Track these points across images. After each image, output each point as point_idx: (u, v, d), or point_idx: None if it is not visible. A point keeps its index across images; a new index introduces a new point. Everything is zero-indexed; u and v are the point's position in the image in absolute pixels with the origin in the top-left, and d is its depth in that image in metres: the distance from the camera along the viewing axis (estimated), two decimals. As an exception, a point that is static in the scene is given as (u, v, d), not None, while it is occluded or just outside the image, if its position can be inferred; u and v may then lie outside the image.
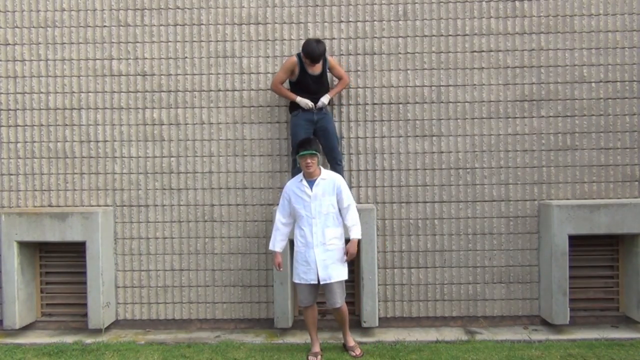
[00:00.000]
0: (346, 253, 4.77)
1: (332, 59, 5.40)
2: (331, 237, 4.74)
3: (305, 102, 5.26)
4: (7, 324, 5.34)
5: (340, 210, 4.83)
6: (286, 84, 5.40)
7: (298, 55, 5.28)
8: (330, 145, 5.34)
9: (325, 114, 5.35)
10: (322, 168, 4.88)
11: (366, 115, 5.58)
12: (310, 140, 4.83)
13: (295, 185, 4.85)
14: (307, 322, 4.88)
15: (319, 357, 4.77)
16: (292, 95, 5.31)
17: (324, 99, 5.31)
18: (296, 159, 5.26)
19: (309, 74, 5.26)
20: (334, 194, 4.79)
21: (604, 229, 5.24)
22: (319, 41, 5.16)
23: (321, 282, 4.71)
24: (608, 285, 5.58)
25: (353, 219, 4.80)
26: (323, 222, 4.74)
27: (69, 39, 5.65)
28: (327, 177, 4.82)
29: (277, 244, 4.86)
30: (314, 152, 4.72)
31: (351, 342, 4.88)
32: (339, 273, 4.75)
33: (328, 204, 4.76)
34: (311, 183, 4.78)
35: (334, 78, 5.45)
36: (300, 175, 4.87)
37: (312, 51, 5.09)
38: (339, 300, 4.75)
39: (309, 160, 4.72)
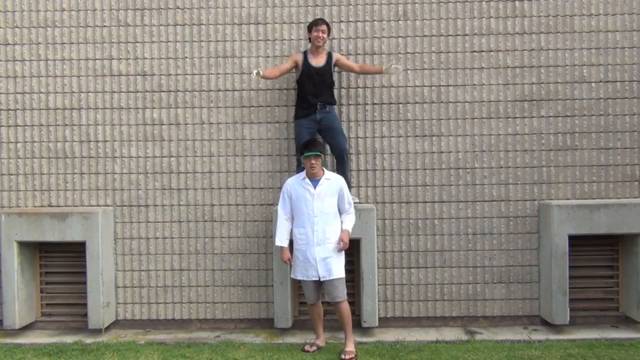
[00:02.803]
0: (340, 243, 4.81)
1: (337, 54, 5.40)
2: (331, 236, 4.80)
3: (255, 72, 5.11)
4: (7, 324, 5.34)
5: (339, 209, 4.91)
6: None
7: (304, 51, 5.34)
8: (336, 144, 5.28)
9: (328, 112, 5.29)
10: (324, 169, 4.93)
11: (366, 115, 5.57)
12: (315, 141, 4.92)
13: (297, 183, 4.90)
14: (312, 318, 4.98)
15: (314, 348, 4.87)
16: (268, 71, 5.26)
17: (395, 71, 5.29)
18: (300, 159, 5.27)
19: (312, 66, 5.24)
20: (337, 194, 4.86)
21: (604, 229, 5.24)
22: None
23: (321, 279, 4.78)
24: (608, 285, 5.58)
25: (349, 214, 4.92)
26: (324, 221, 4.79)
27: (69, 39, 5.65)
28: (331, 178, 4.90)
29: (284, 239, 4.92)
30: (318, 153, 4.79)
31: (349, 347, 4.75)
32: (339, 270, 4.81)
33: (330, 204, 4.83)
34: (315, 182, 4.84)
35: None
36: (302, 174, 4.92)
37: (314, 20, 5.29)
38: (340, 294, 4.79)
39: (313, 162, 4.78)
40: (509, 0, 5.56)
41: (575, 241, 5.37)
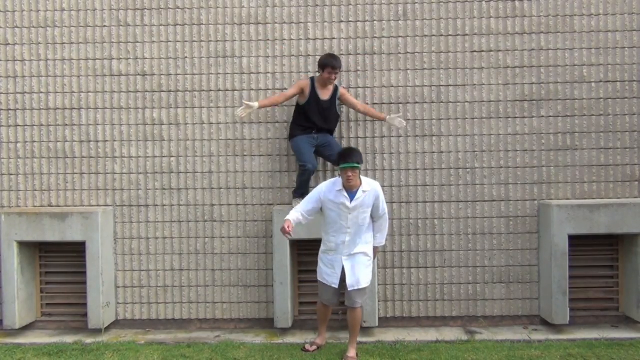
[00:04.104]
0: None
1: (343, 89, 5.38)
2: (361, 246, 4.67)
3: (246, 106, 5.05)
4: (7, 324, 5.34)
5: (373, 216, 4.69)
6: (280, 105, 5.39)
7: (311, 78, 5.30)
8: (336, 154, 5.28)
9: (325, 133, 5.33)
10: (362, 177, 4.63)
11: (366, 115, 5.57)
12: (352, 150, 4.59)
13: (333, 193, 4.59)
14: (318, 317, 4.97)
15: (315, 347, 4.87)
16: (269, 100, 5.25)
17: (398, 123, 5.30)
18: (300, 168, 5.25)
19: (320, 98, 5.23)
20: (372, 205, 4.62)
21: (604, 229, 5.24)
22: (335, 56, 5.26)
23: (349, 289, 4.66)
24: (608, 285, 5.58)
25: (382, 226, 4.74)
26: (357, 233, 4.64)
27: (69, 39, 5.65)
28: (369, 189, 4.59)
29: (293, 218, 4.57)
30: (356, 164, 4.47)
31: (351, 353, 4.71)
32: (366, 279, 4.70)
33: (365, 216, 4.63)
34: (352, 195, 4.56)
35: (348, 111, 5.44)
36: (338, 182, 4.60)
37: (330, 59, 5.13)
38: (359, 301, 4.72)
39: (350, 174, 4.47)
40: (509, 0, 5.56)
41: (575, 241, 5.37)
